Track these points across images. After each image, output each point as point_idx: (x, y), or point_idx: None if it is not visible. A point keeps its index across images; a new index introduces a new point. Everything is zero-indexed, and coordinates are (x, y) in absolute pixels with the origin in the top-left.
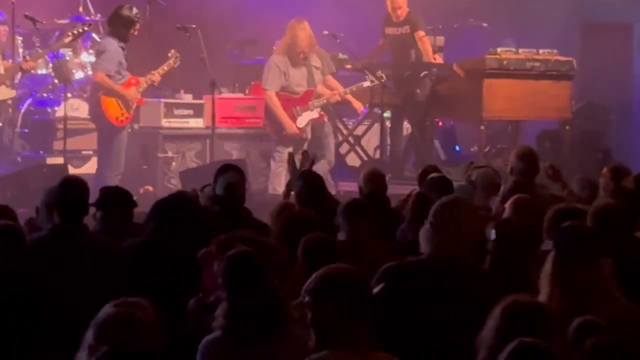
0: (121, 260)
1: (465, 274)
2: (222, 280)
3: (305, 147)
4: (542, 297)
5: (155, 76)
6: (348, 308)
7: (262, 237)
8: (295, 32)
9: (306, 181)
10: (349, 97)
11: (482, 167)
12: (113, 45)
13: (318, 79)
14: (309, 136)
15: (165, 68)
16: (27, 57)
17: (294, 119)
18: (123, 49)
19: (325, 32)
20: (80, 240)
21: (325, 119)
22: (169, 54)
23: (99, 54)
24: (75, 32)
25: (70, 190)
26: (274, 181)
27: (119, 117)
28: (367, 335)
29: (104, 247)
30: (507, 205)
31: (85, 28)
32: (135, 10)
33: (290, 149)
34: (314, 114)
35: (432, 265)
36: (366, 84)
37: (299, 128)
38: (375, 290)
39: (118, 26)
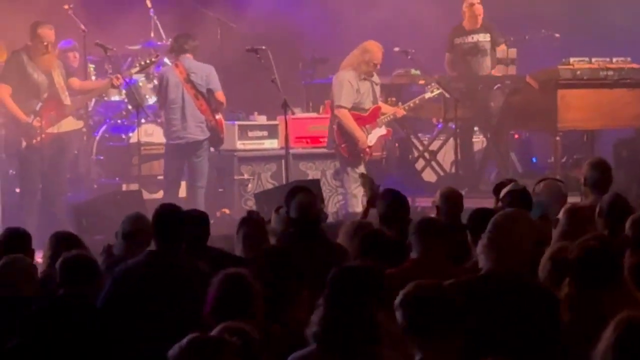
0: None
1: (524, 291)
2: (327, 289)
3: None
4: None
5: None
6: (439, 314)
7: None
8: (372, 47)
9: (393, 201)
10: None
11: (546, 179)
12: None
13: (379, 95)
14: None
15: None
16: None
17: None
18: None
19: (397, 49)
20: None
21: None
22: None
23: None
24: (143, 63)
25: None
26: (352, 201)
27: None
28: (460, 343)
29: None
30: (560, 215)
31: (153, 59)
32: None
33: (363, 169)
34: (382, 130)
35: (491, 283)
36: (427, 95)
37: (369, 146)
38: None
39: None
